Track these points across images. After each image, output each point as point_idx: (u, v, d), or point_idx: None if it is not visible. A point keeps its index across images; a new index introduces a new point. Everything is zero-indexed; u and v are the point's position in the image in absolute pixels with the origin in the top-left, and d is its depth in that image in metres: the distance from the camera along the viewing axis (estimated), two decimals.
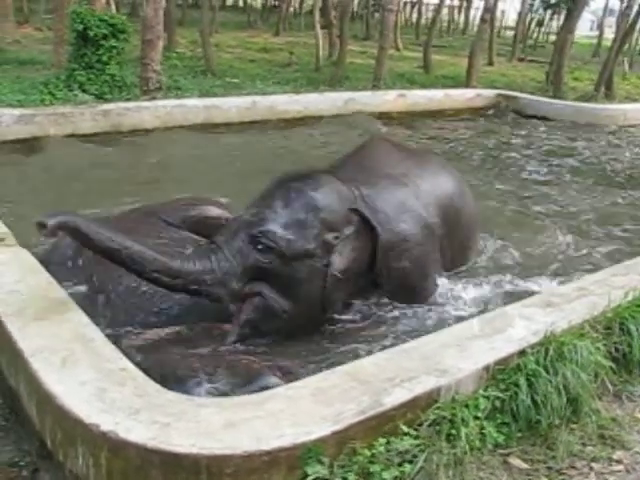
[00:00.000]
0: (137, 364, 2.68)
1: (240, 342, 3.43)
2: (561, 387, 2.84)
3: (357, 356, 3.26)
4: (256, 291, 3.44)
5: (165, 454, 2.16)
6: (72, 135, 7.75)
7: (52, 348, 2.64)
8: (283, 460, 2.23)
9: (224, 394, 2.83)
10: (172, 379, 2.85)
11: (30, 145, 7.33)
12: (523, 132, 10.86)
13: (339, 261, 3.52)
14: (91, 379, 2.45)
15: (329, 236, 3.51)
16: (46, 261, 3.73)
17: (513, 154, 9.26)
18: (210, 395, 2.83)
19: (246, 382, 2.92)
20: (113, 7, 13.12)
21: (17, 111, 7.57)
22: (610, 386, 3.14)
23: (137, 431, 2.20)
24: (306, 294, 3.49)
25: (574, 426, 2.90)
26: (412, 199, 4.01)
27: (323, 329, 3.70)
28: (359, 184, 3.82)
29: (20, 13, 18.18)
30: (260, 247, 3.38)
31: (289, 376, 2.93)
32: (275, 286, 3.45)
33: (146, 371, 2.61)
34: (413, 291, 4.01)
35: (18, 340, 2.69)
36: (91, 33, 8.81)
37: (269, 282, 3.44)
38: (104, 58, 9.06)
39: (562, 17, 20.90)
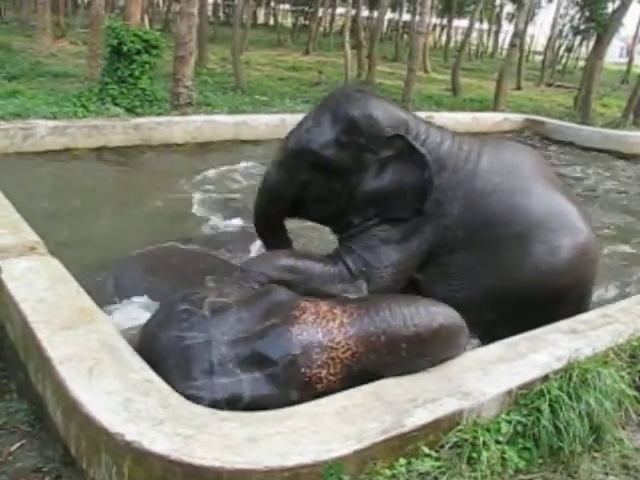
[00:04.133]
0: None
1: None
2: (584, 414, 2.82)
3: None
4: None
5: (187, 466, 2.17)
6: (104, 147, 7.87)
7: (79, 357, 2.66)
8: (304, 477, 2.24)
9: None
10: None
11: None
12: None
13: (370, 180, 3.75)
14: (117, 389, 2.48)
15: (367, 155, 3.73)
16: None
17: None
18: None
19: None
20: (146, 22, 13.35)
21: (51, 123, 7.70)
22: (634, 415, 3.12)
23: (160, 442, 2.22)
24: (340, 205, 3.81)
25: (597, 454, 2.87)
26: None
27: None
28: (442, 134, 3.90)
29: (57, 27, 18.60)
30: (305, 164, 3.77)
31: None
32: (314, 193, 3.84)
33: None
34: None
35: (46, 348, 2.72)
36: (125, 48, 8.99)
37: (311, 190, 3.84)
38: (136, 73, 9.24)
39: (591, 43, 20.88)
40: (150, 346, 2.79)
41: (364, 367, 2.66)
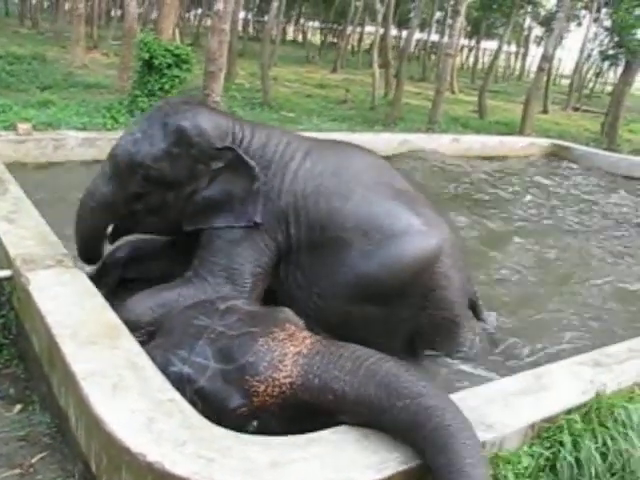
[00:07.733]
0: None
1: None
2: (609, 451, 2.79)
3: None
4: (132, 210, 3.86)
5: None
6: None
7: (103, 373, 2.67)
8: None
9: None
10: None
11: None
12: None
13: (201, 191, 3.78)
14: (140, 408, 2.48)
15: (198, 167, 3.75)
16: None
17: None
18: None
19: None
20: (177, 37, 13.50)
21: (81, 134, 7.79)
22: None
23: (182, 464, 2.22)
24: (174, 216, 3.83)
25: None
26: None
27: None
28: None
29: (90, 39, 18.91)
30: (137, 176, 3.72)
31: None
32: (146, 206, 3.83)
33: None
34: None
35: (70, 362, 2.72)
36: (156, 62, 9.09)
37: (143, 203, 3.82)
38: (166, 86, 9.32)
39: (620, 68, 20.78)
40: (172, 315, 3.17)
41: (298, 401, 2.61)
